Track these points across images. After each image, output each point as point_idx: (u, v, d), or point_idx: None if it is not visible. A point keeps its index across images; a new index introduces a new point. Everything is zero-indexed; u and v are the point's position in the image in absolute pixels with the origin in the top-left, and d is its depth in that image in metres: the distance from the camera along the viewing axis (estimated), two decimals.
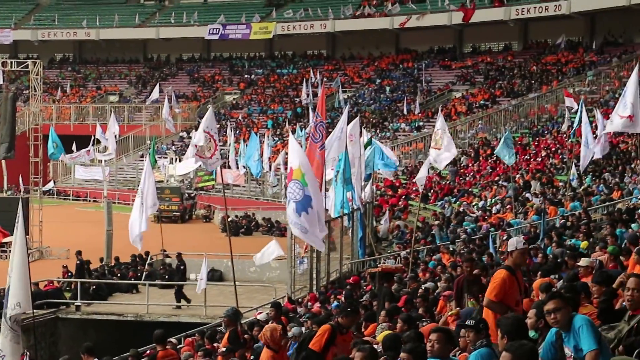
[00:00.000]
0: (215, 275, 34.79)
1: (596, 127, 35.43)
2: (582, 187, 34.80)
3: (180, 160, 62.90)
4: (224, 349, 14.83)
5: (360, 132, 34.86)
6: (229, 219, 42.49)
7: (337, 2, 79.09)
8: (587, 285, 11.83)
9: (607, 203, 30.97)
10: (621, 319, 8.68)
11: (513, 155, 36.94)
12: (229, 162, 60.02)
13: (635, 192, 30.74)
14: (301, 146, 31.62)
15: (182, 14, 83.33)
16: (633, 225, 20.20)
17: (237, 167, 59.66)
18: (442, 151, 28.61)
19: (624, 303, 9.02)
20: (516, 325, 8.44)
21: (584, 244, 21.69)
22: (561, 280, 14.86)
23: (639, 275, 8.79)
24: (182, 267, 34.89)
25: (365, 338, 14.12)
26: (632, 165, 35.32)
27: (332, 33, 77.98)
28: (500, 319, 8.89)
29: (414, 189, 46.83)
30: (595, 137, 32.75)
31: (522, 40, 71.68)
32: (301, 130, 57.14)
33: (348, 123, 31.30)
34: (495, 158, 46.82)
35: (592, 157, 32.59)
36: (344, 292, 24.19)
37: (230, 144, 61.07)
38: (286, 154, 54.70)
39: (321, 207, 23.22)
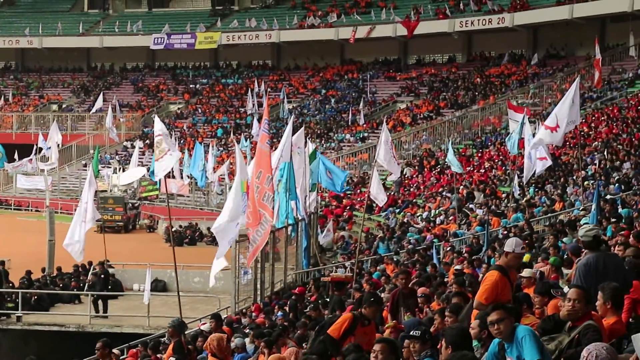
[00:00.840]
0: (158, 286, 34.53)
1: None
2: (525, 199, 35.10)
3: (123, 170, 62.44)
4: None
5: (305, 143, 34.87)
6: (173, 229, 42.27)
7: (282, 12, 79.20)
8: (529, 296, 11.93)
9: (549, 214, 31.27)
10: (562, 329, 8.74)
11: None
12: (173, 171, 59.73)
13: (577, 203, 31.06)
14: (245, 157, 31.58)
15: (127, 23, 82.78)
16: (565, 239, 20.36)
17: (182, 177, 59.41)
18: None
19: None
20: (460, 335, 8.48)
21: (526, 257, 21.85)
22: None
23: (580, 286, 8.85)
24: (102, 276, 33.55)
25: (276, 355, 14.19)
26: (574, 177, 35.69)
27: (277, 43, 77.99)
28: (445, 329, 8.93)
29: (359, 199, 46.98)
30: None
31: (466, 53, 72.23)
32: (246, 140, 57.11)
33: (293, 133, 31.30)
34: (439, 169, 47.16)
35: (535, 171, 32.88)
36: (288, 303, 24.16)
37: None
38: (231, 164, 54.75)
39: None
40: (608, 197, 29.36)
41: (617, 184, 32.19)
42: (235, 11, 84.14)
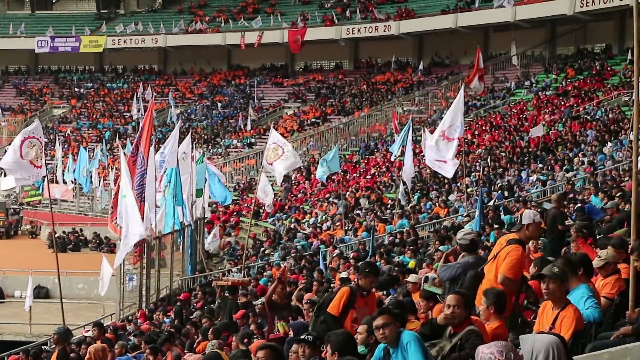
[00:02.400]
0: (41, 293, 33.95)
1: (424, 145, 36.24)
2: (410, 205, 35.50)
3: (5, 175, 61.10)
4: None
5: (192, 148, 34.68)
6: (57, 235, 41.53)
7: (169, 17, 78.59)
8: (414, 301, 12.06)
9: (434, 220, 31.68)
10: (441, 334, 8.83)
11: (326, 173, 37.33)
12: (56, 176, 58.74)
13: (460, 209, 31.53)
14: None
15: (9, 25, 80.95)
16: (442, 247, 20.64)
17: (65, 182, 58.44)
18: (283, 161, 28.77)
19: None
20: (347, 341, 8.51)
21: (411, 263, 22.12)
22: (390, 297, 15.09)
23: (459, 292, 8.94)
24: None
25: (196, 355, 14.03)
26: (458, 184, 36.24)
27: (164, 48, 77.35)
28: (330, 334, 8.92)
29: (246, 205, 46.89)
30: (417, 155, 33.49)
31: (353, 60, 72.74)
32: (131, 145, 56.45)
33: (180, 139, 31.11)
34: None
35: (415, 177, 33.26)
36: (174, 309, 23.97)
37: (58, 159, 59.76)
38: (117, 169, 54.05)
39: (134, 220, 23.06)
40: (491, 203, 29.93)
41: (499, 191, 32.81)
42: (121, 15, 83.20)
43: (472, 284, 10.48)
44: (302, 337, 9.24)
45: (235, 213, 46.60)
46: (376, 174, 46.04)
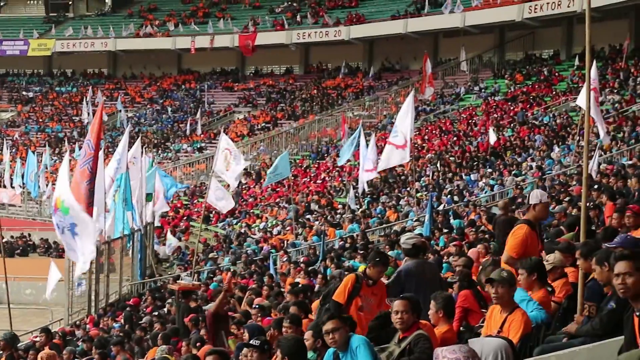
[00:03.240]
0: None
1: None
2: (361, 209, 35.59)
3: None
4: None
5: (142, 153, 34.51)
6: (4, 240, 41.06)
7: (118, 20, 78.11)
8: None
9: (384, 225, 31.79)
10: (391, 340, 8.86)
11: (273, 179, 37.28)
12: (3, 181, 58.13)
13: (411, 214, 31.67)
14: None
15: None
16: (391, 252, 20.72)
17: (13, 187, 57.82)
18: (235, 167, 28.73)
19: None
20: (296, 346, 8.50)
21: (362, 268, 22.15)
22: None
23: (407, 297, 8.96)
24: None
25: None
26: (408, 188, 36.40)
27: (114, 52, 76.83)
28: (281, 339, 8.92)
29: (196, 209, 46.72)
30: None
31: (304, 64, 72.78)
32: (79, 150, 56.01)
33: (130, 143, 30.95)
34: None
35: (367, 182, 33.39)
36: (123, 314, 23.83)
37: (5, 163, 59.15)
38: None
39: (86, 230, 22.75)
40: (440, 208, 30.11)
41: (449, 196, 33.02)
42: (70, 18, 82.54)
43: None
44: (251, 342, 9.25)
45: (185, 218, 46.42)
46: (326, 178, 46.10)
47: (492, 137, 38.19)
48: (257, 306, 15.37)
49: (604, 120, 24.05)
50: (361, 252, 24.61)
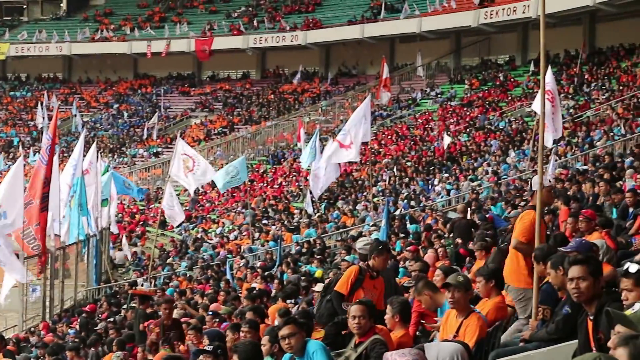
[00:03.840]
0: None
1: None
2: (317, 214, 35.61)
3: None
4: None
5: (97, 158, 34.29)
6: None
7: (73, 24, 77.58)
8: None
9: (341, 230, 31.82)
10: (347, 345, 8.86)
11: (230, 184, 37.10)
12: None
13: (367, 219, 31.73)
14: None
15: None
16: (348, 256, 20.77)
17: None
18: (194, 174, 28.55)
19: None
20: (253, 351, 8.49)
21: (318, 272, 22.18)
22: (297, 306, 15.10)
23: (363, 302, 8.98)
24: None
25: None
26: (365, 193, 36.48)
27: (69, 56, 76.32)
28: (237, 344, 8.90)
29: (152, 215, 46.53)
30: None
31: (260, 69, 72.70)
32: (34, 155, 55.64)
33: (85, 148, 30.76)
34: None
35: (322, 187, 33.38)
36: (79, 321, 23.66)
37: None
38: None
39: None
40: (397, 213, 30.19)
41: (405, 200, 33.12)
42: (24, 22, 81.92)
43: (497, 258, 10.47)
44: (205, 347, 9.25)
45: (141, 223, 46.20)
46: (283, 183, 46.10)
47: (446, 141, 38.46)
48: (211, 312, 15.32)
49: (561, 125, 24.20)
50: (318, 257, 24.65)
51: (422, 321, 9.92)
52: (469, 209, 22.12)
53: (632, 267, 6.38)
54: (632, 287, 6.26)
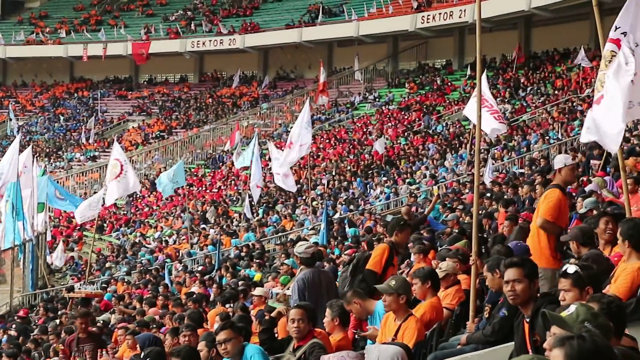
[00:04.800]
0: None
1: (269, 158, 36.47)
2: (256, 218, 35.59)
3: None
4: None
5: (33, 161, 33.92)
6: None
7: (8, 27, 76.58)
8: (263, 313, 12.12)
9: (280, 234, 31.84)
10: (285, 349, 8.88)
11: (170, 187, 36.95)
12: None
13: (306, 222, 31.79)
14: None
15: None
16: (287, 260, 20.77)
17: None
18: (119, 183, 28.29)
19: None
20: (192, 356, 8.46)
21: (257, 276, 22.19)
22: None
23: (302, 306, 9.00)
24: None
25: None
26: (304, 197, 36.53)
27: (4, 59, 75.33)
28: (174, 349, 8.85)
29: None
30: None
31: (198, 73, 72.43)
32: None
33: (20, 152, 30.40)
34: None
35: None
36: (16, 327, 23.37)
37: None
38: None
39: None
40: (336, 216, 30.28)
41: (344, 204, 33.22)
42: None
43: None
44: (141, 355, 9.25)
45: (78, 227, 45.75)
46: (222, 187, 45.98)
47: (381, 147, 38.71)
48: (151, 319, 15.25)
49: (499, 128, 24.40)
50: (257, 261, 24.64)
51: (354, 331, 9.95)
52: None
53: (570, 268, 6.47)
54: (570, 287, 6.36)
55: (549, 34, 49.97)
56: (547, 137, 31.83)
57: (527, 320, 6.82)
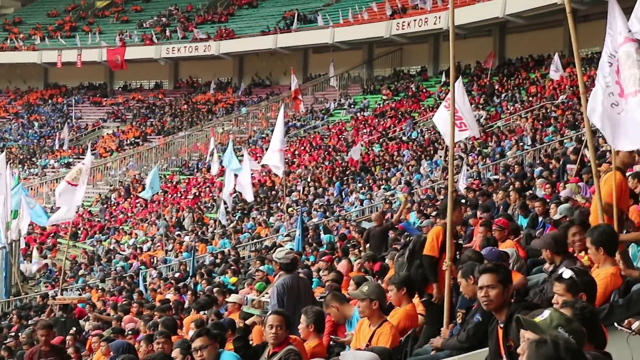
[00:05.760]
0: None
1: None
2: (231, 225, 35.53)
3: None
4: None
5: (7, 168, 33.71)
6: None
7: None
8: (234, 321, 12.09)
9: (255, 240, 31.80)
10: (260, 355, 8.86)
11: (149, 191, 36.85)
12: None
13: (281, 229, 31.76)
14: None
15: None
16: (262, 267, 20.72)
17: None
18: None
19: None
20: None
21: (232, 280, 22.15)
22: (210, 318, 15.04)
23: (279, 312, 8.99)
24: None
25: None
26: (279, 204, 36.50)
27: None
28: (148, 357, 8.83)
29: (64, 226, 45.91)
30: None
31: (173, 79, 72.30)
32: None
33: None
34: None
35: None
36: None
37: None
38: None
39: None
40: (311, 223, 30.28)
41: (319, 211, 33.22)
42: None
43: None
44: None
45: (52, 235, 45.55)
46: (197, 194, 45.88)
47: (356, 153, 38.77)
48: (130, 331, 15.15)
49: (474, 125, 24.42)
50: (232, 267, 24.60)
51: (332, 337, 9.95)
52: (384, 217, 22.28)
53: (566, 273, 6.53)
54: (563, 292, 6.40)
55: (523, 41, 50.18)
56: (521, 144, 31.96)
57: (501, 325, 6.83)
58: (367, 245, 18.72)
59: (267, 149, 30.80)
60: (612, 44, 8.83)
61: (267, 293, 14.34)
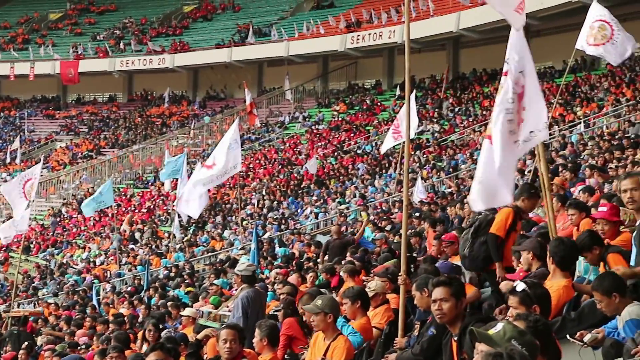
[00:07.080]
0: None
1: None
2: (186, 238, 35.38)
3: None
4: None
5: None
6: None
7: None
8: (187, 336, 12.05)
9: (209, 253, 31.69)
10: None
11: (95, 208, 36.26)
12: None
13: (236, 242, 31.69)
14: None
15: None
16: (217, 280, 20.67)
17: None
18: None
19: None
20: None
21: (189, 289, 22.06)
22: (165, 330, 14.94)
23: (232, 326, 8.96)
24: None
25: None
26: (234, 217, 36.42)
27: None
28: None
29: (15, 240, 45.41)
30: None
31: (127, 92, 71.94)
32: None
33: None
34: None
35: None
36: None
37: None
38: None
39: None
40: (266, 236, 30.23)
41: (274, 224, 33.19)
42: None
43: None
44: None
45: (4, 248, 45.06)
46: (151, 207, 45.65)
47: (313, 167, 38.84)
48: (83, 344, 15.06)
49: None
50: (186, 281, 24.50)
51: (300, 347, 9.95)
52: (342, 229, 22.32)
53: (519, 286, 6.58)
54: (517, 305, 6.46)
55: (477, 55, 50.57)
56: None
57: (455, 338, 6.86)
58: (326, 257, 18.75)
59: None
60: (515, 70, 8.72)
61: (227, 306, 14.31)
